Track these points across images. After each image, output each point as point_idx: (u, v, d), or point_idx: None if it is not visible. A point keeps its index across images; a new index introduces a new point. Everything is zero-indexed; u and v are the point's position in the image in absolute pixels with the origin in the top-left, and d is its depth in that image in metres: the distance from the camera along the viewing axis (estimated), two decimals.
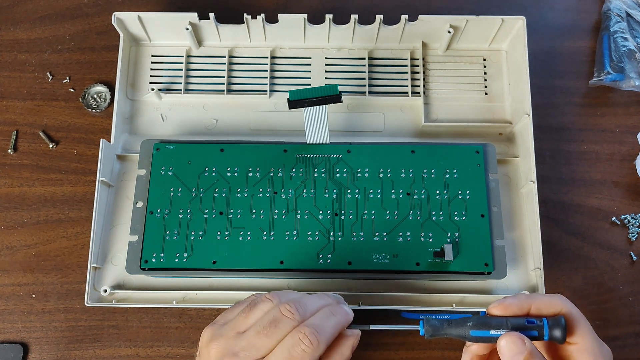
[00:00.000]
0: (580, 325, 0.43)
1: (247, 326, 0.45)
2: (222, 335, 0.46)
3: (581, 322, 0.44)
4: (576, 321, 0.44)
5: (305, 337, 0.43)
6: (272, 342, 0.44)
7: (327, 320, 0.45)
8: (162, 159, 0.58)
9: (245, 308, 0.47)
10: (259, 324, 0.45)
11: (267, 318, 0.45)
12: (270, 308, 0.46)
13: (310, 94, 0.52)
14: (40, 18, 0.70)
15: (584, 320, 0.44)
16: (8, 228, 0.63)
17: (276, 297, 0.47)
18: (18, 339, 0.60)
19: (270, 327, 0.44)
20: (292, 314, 0.45)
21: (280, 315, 0.44)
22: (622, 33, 0.68)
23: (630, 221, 0.64)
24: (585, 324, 0.44)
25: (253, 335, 0.44)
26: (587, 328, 0.44)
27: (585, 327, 0.44)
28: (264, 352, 0.44)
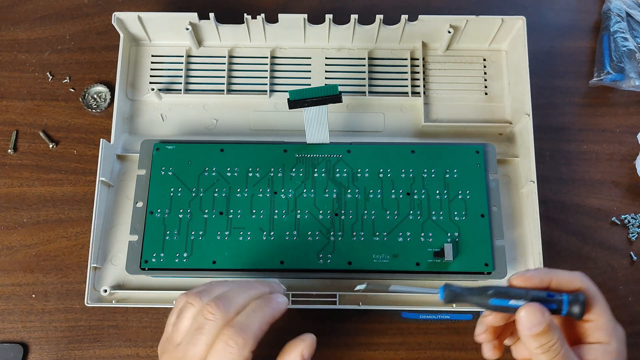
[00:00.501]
0: (598, 304, 0.44)
1: (180, 338, 0.45)
2: (165, 352, 0.46)
3: (599, 300, 0.44)
4: (595, 299, 0.44)
5: (230, 338, 0.42)
6: (203, 348, 0.43)
7: (252, 316, 0.44)
8: (162, 159, 0.58)
9: (175, 320, 0.46)
10: (188, 333, 0.44)
11: (193, 326, 0.44)
12: (195, 313, 0.45)
13: (310, 94, 0.52)
14: (40, 18, 0.70)
15: (602, 299, 0.45)
16: (8, 228, 0.63)
17: (198, 298, 0.46)
18: (18, 339, 0.60)
19: (197, 335, 0.44)
20: (214, 314, 0.44)
21: (204, 320, 0.44)
22: (622, 33, 0.68)
23: (630, 221, 0.64)
24: (603, 303, 0.44)
25: (185, 346, 0.44)
26: (605, 307, 0.44)
27: (602, 306, 0.44)
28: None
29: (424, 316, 0.59)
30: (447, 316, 0.59)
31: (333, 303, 0.56)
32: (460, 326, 0.61)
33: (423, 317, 0.59)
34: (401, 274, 0.56)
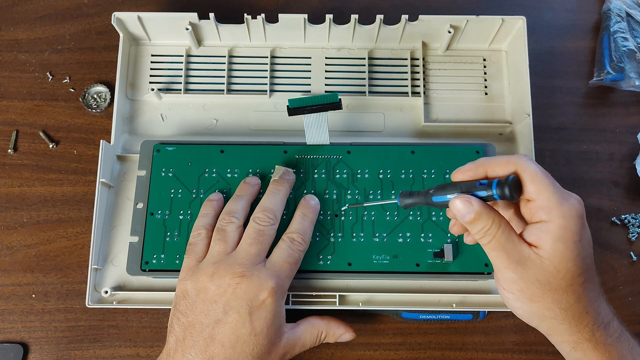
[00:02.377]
0: (536, 183, 0.43)
1: (233, 245, 0.52)
2: (216, 263, 0.51)
3: (538, 179, 0.43)
4: (533, 178, 0.44)
5: (295, 238, 0.53)
6: (266, 247, 0.52)
7: (305, 220, 0.55)
8: (162, 160, 0.58)
9: (220, 236, 0.52)
10: (247, 239, 0.52)
11: (250, 234, 0.52)
12: (237, 225, 0.53)
13: (309, 102, 0.52)
14: (40, 18, 0.70)
15: (542, 176, 0.44)
16: (8, 228, 0.63)
17: (234, 217, 0.54)
18: (18, 339, 0.60)
19: (259, 237, 0.52)
20: (270, 220, 0.53)
21: (260, 227, 0.52)
22: (622, 33, 0.68)
23: (630, 221, 0.64)
24: (543, 181, 0.43)
25: (247, 248, 0.51)
26: (545, 184, 0.43)
27: (542, 183, 0.43)
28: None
29: (424, 316, 0.59)
30: (447, 316, 0.59)
31: (333, 303, 0.56)
32: (460, 326, 0.61)
33: (423, 317, 0.59)
34: (401, 275, 0.56)
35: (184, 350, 0.48)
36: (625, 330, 0.47)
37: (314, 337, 0.54)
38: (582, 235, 0.44)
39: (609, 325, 0.46)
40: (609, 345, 0.46)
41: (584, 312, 0.45)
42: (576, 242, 0.43)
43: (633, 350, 0.47)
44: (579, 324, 0.45)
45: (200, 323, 0.48)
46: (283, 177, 0.56)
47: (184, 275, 0.51)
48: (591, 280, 0.45)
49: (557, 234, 0.43)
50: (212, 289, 0.49)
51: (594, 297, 0.45)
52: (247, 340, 0.48)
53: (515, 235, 0.44)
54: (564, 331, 0.46)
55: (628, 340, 0.47)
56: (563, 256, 0.43)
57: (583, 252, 0.44)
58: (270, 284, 0.49)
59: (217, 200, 0.56)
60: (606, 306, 0.47)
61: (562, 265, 0.43)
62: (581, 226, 0.44)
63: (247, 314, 0.48)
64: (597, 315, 0.45)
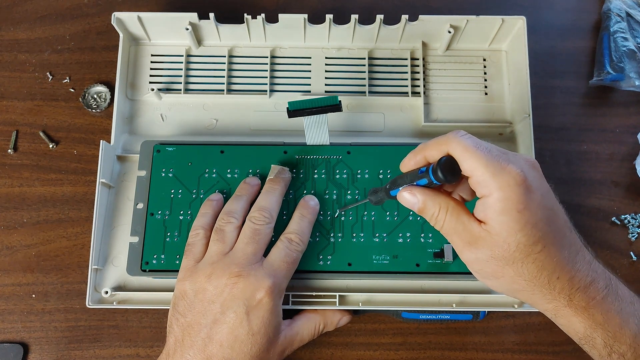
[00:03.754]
0: (469, 158, 0.42)
1: (231, 244, 0.52)
2: (213, 263, 0.51)
3: (470, 153, 0.42)
4: (465, 154, 0.42)
5: (292, 238, 0.54)
6: (262, 246, 0.52)
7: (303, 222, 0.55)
8: (162, 161, 0.58)
9: (218, 236, 0.52)
10: (243, 238, 0.52)
11: (246, 233, 0.52)
12: (236, 225, 0.53)
13: (309, 104, 0.52)
14: (40, 18, 0.70)
15: (474, 150, 0.42)
16: (8, 228, 0.63)
17: (233, 217, 0.53)
18: (18, 339, 0.60)
19: (255, 236, 0.52)
20: (266, 219, 0.53)
21: (256, 226, 0.52)
22: (622, 33, 0.68)
23: (630, 221, 0.64)
24: (475, 154, 0.42)
25: (243, 247, 0.51)
26: (477, 158, 0.42)
27: (474, 157, 0.42)
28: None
29: (424, 316, 0.59)
30: (447, 316, 0.59)
31: (333, 304, 0.56)
32: (460, 326, 0.61)
33: (423, 317, 0.59)
34: (401, 275, 0.56)
35: (183, 350, 0.48)
36: (618, 286, 0.45)
37: (311, 331, 0.54)
38: (527, 202, 0.41)
39: (589, 286, 0.44)
40: (592, 308, 0.44)
41: (553, 279, 0.43)
42: (521, 211, 0.41)
43: (623, 311, 0.44)
44: (551, 291, 0.44)
45: (199, 323, 0.48)
46: (279, 176, 0.56)
47: (182, 276, 0.51)
48: (556, 244, 0.43)
49: (497, 207, 0.42)
50: (209, 289, 0.49)
51: (565, 259, 0.43)
52: (245, 339, 0.48)
53: (465, 216, 0.44)
54: (539, 300, 0.45)
55: (616, 299, 0.44)
56: (509, 229, 0.42)
57: (533, 219, 0.42)
58: (267, 283, 0.49)
59: (216, 200, 0.56)
60: (586, 266, 0.44)
61: (511, 238, 0.42)
62: (524, 193, 0.41)
63: (244, 313, 0.48)
64: (571, 278, 0.43)
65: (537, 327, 0.61)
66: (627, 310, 0.44)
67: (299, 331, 0.53)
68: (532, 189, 0.42)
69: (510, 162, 0.42)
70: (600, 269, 0.45)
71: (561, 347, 0.60)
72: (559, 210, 0.44)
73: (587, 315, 0.44)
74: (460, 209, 0.44)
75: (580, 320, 0.44)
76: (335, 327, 0.57)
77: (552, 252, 0.43)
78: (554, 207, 0.44)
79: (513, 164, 0.42)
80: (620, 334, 0.44)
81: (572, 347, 0.59)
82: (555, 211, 0.44)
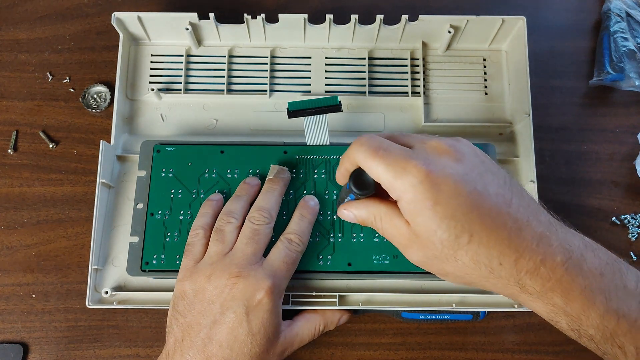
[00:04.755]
0: (370, 166, 0.42)
1: (230, 245, 0.52)
2: (213, 263, 0.51)
3: (369, 162, 0.42)
4: (366, 163, 0.42)
5: (293, 239, 0.53)
6: (262, 246, 0.52)
7: (302, 222, 0.55)
8: (162, 161, 0.58)
9: (218, 236, 0.52)
10: (243, 239, 0.52)
11: (245, 234, 0.52)
12: (236, 226, 0.53)
13: (309, 104, 0.52)
14: (40, 18, 0.70)
15: (373, 157, 0.42)
16: (8, 228, 0.63)
17: (232, 218, 0.53)
18: (18, 339, 0.60)
19: (255, 236, 0.51)
20: (265, 219, 0.53)
21: (255, 226, 0.52)
22: (622, 33, 0.68)
23: (630, 221, 0.64)
24: (374, 162, 0.42)
25: (243, 248, 0.51)
26: (376, 164, 0.42)
27: (374, 164, 0.42)
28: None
29: (424, 316, 0.59)
30: (447, 316, 0.59)
31: (333, 304, 0.56)
32: (460, 326, 0.61)
33: (423, 317, 0.59)
34: (401, 275, 0.56)
35: (182, 350, 0.48)
36: (584, 258, 0.40)
37: (311, 331, 0.54)
38: (436, 196, 0.40)
39: (540, 267, 0.39)
40: (549, 291, 0.40)
41: (494, 267, 0.40)
42: (431, 208, 0.40)
43: (587, 288, 0.39)
44: (498, 281, 0.41)
45: (198, 324, 0.48)
46: (278, 176, 0.56)
47: (182, 276, 0.51)
48: (487, 229, 0.40)
49: (410, 210, 0.41)
50: (209, 289, 0.49)
51: (503, 242, 0.39)
52: (244, 340, 0.48)
53: (397, 219, 0.43)
54: (495, 289, 0.42)
55: (579, 275, 0.39)
56: (428, 229, 0.40)
57: (448, 211, 0.40)
58: (267, 284, 0.49)
59: (216, 200, 0.56)
60: (534, 243, 0.40)
61: (433, 237, 0.40)
62: (429, 188, 0.40)
63: (243, 314, 0.48)
64: (516, 261, 0.39)
65: (537, 327, 0.61)
66: (593, 287, 0.39)
67: (298, 332, 0.53)
68: (441, 179, 0.40)
69: (411, 159, 0.41)
70: (556, 242, 0.40)
71: (561, 347, 0.60)
72: (487, 187, 0.41)
73: (545, 300, 0.40)
74: (393, 213, 0.44)
75: (540, 306, 0.41)
76: (336, 326, 0.57)
77: (483, 240, 0.40)
78: (477, 188, 0.41)
79: (415, 159, 0.41)
80: (585, 317, 0.39)
81: (573, 347, 0.60)
82: (481, 192, 0.40)
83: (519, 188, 0.43)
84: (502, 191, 0.41)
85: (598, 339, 0.40)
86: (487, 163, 0.43)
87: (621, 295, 0.39)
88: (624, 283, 0.39)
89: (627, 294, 0.39)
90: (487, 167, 0.43)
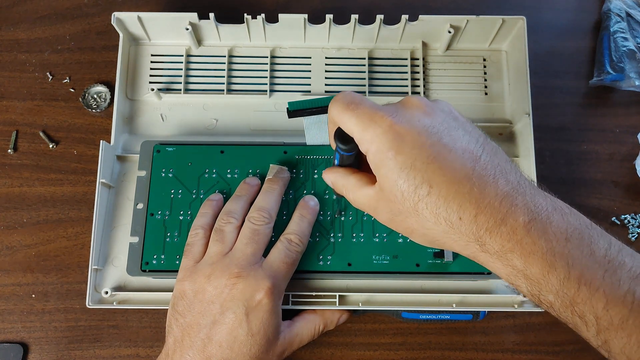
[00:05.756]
0: (343, 121, 0.43)
1: (229, 245, 0.52)
2: (213, 264, 0.51)
3: (342, 115, 0.42)
4: (340, 117, 0.43)
5: (292, 239, 0.53)
6: (262, 246, 0.52)
7: (302, 222, 0.55)
8: (162, 161, 0.58)
9: (218, 237, 0.52)
10: (243, 239, 0.52)
11: (245, 233, 0.52)
12: (236, 226, 0.53)
13: (309, 104, 0.52)
14: (40, 18, 0.70)
15: (345, 111, 0.42)
16: (8, 228, 0.63)
17: (232, 218, 0.53)
18: (18, 339, 0.60)
19: (254, 236, 0.52)
20: (265, 219, 0.53)
21: (255, 226, 0.52)
22: (622, 33, 0.68)
23: (630, 221, 0.64)
24: (345, 115, 0.42)
25: (242, 248, 0.51)
26: (348, 118, 0.42)
27: (345, 118, 0.42)
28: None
29: (424, 316, 0.59)
30: (447, 316, 0.59)
31: (333, 304, 0.56)
32: (460, 326, 0.61)
33: (423, 317, 0.59)
34: (401, 275, 0.56)
35: (182, 350, 0.48)
36: (551, 220, 0.38)
37: (311, 331, 0.54)
38: (398, 145, 0.39)
39: (501, 225, 0.38)
40: (508, 252, 0.38)
41: (454, 221, 0.39)
42: (393, 158, 0.39)
43: (550, 252, 0.37)
44: (458, 237, 0.39)
45: (198, 324, 0.48)
46: (277, 176, 0.56)
47: (182, 276, 0.51)
48: (448, 181, 0.39)
49: (375, 161, 0.41)
50: (209, 289, 0.49)
51: (465, 196, 0.38)
52: (244, 340, 0.48)
53: (365, 188, 0.44)
54: (456, 247, 0.41)
55: (541, 238, 0.37)
56: (389, 179, 0.40)
57: (409, 161, 0.39)
58: (267, 284, 0.49)
59: (216, 200, 0.56)
60: (499, 200, 0.38)
61: (395, 189, 0.40)
62: (393, 138, 0.40)
63: (243, 314, 0.48)
64: (475, 217, 0.38)
65: (537, 327, 0.61)
66: (555, 251, 0.37)
67: (298, 332, 0.53)
68: (405, 130, 0.40)
69: (379, 111, 0.41)
70: (522, 202, 0.38)
71: (561, 347, 0.60)
72: (455, 141, 0.40)
73: (504, 261, 0.38)
74: (361, 183, 0.44)
75: (500, 267, 0.39)
76: (335, 325, 0.57)
77: (443, 191, 0.39)
78: (442, 140, 0.40)
79: (382, 112, 0.41)
80: (545, 281, 0.37)
81: (573, 347, 0.60)
82: (446, 144, 0.40)
83: (494, 149, 0.41)
84: (471, 147, 0.40)
85: (557, 305, 0.38)
86: (462, 121, 0.42)
87: (586, 262, 0.36)
88: (592, 250, 0.37)
89: (593, 262, 0.36)
90: (459, 124, 0.42)
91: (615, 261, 0.36)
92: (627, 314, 0.35)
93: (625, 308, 0.35)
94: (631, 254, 0.37)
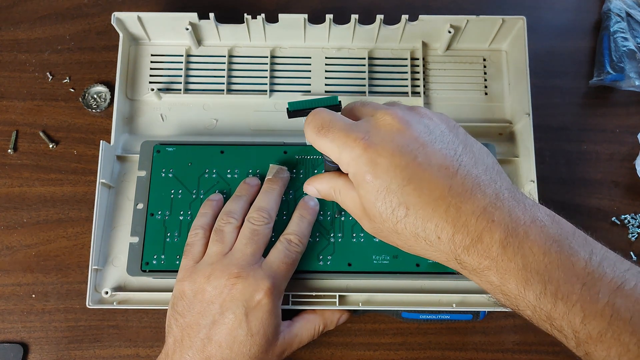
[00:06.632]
0: (320, 144, 0.44)
1: (230, 245, 0.52)
2: (212, 263, 0.51)
3: (317, 139, 0.43)
4: (316, 141, 0.44)
5: (292, 239, 0.53)
6: (261, 246, 0.52)
7: (302, 222, 0.55)
8: (162, 161, 0.58)
9: (218, 237, 0.52)
10: (242, 239, 0.52)
11: (245, 234, 0.52)
12: (236, 226, 0.53)
13: (309, 104, 0.52)
14: (40, 18, 0.70)
15: (317, 135, 0.43)
16: (8, 228, 0.63)
17: (232, 218, 0.53)
18: (18, 339, 0.60)
19: (253, 237, 0.51)
20: (265, 219, 0.53)
21: (255, 226, 0.52)
22: (622, 33, 0.68)
23: (630, 221, 0.64)
24: (319, 139, 0.43)
25: (242, 248, 0.51)
26: (323, 142, 0.43)
27: (321, 142, 0.43)
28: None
29: (424, 316, 0.59)
30: (447, 316, 0.59)
31: (333, 304, 0.56)
32: (460, 326, 0.61)
33: (423, 317, 0.59)
34: (401, 275, 0.56)
35: (182, 350, 0.48)
36: (528, 234, 0.37)
37: (310, 332, 0.54)
38: (372, 169, 0.40)
39: (477, 243, 0.38)
40: (485, 270, 0.38)
41: (433, 240, 0.39)
42: (370, 181, 0.40)
43: (525, 268, 0.36)
44: (439, 255, 0.40)
45: (198, 324, 0.48)
46: (277, 176, 0.56)
47: (182, 276, 0.51)
48: (423, 202, 0.39)
49: (355, 182, 0.42)
50: (209, 290, 0.49)
51: (440, 215, 0.38)
52: (243, 340, 0.48)
53: (353, 191, 0.44)
54: (440, 261, 0.41)
55: (517, 254, 0.37)
56: (369, 202, 0.41)
57: (384, 184, 0.40)
58: (266, 284, 0.49)
59: (216, 200, 0.56)
60: (474, 217, 0.38)
61: (374, 211, 0.41)
62: (367, 161, 0.40)
63: (243, 314, 0.48)
64: (453, 236, 0.38)
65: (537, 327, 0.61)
66: (532, 267, 0.36)
67: (298, 333, 0.53)
68: (379, 152, 0.40)
69: (351, 132, 0.42)
70: (499, 218, 0.38)
71: (561, 347, 0.60)
72: (429, 158, 0.40)
73: (482, 277, 0.39)
74: (350, 185, 0.44)
75: (478, 282, 0.40)
76: (335, 325, 0.57)
77: (419, 213, 0.39)
78: (417, 159, 0.40)
79: (355, 132, 0.41)
80: (522, 298, 0.37)
81: None
82: (420, 163, 0.40)
83: (474, 158, 0.41)
84: (447, 162, 0.40)
85: (536, 319, 0.38)
86: (437, 132, 0.42)
87: (563, 276, 0.36)
88: (572, 262, 0.36)
89: (572, 275, 0.36)
90: (435, 137, 0.42)
91: (595, 273, 0.36)
92: (606, 327, 0.35)
93: (603, 321, 0.35)
94: (613, 263, 0.37)
